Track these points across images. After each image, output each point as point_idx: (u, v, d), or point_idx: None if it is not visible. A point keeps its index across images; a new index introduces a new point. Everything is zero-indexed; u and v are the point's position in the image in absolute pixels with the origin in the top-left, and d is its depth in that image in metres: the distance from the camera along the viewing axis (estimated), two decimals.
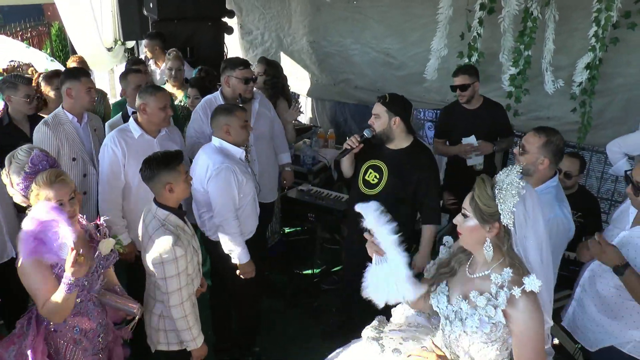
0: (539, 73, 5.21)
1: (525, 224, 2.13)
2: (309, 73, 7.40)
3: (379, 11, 6.42)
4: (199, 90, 5.05)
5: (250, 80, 4.35)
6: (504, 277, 2.16)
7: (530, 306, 2.12)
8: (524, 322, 2.14)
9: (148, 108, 3.79)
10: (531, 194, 2.15)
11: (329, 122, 7.44)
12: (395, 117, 3.63)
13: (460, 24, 5.56)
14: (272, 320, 4.76)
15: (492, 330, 2.20)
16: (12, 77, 4.34)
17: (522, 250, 2.17)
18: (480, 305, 2.20)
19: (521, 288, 2.11)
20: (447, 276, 2.43)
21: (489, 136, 4.76)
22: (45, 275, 2.56)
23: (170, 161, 2.96)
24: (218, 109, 3.75)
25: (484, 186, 2.19)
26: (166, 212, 2.99)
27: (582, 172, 4.16)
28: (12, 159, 2.70)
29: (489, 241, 2.19)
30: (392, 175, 3.70)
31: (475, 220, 2.20)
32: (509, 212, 2.11)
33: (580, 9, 5.04)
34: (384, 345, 2.63)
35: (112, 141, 3.78)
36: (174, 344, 3.11)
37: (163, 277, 2.91)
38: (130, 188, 3.84)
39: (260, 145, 4.45)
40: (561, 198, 3.23)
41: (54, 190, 2.57)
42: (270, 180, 4.65)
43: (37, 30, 15.57)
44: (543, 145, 3.13)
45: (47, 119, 3.98)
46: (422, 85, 6.25)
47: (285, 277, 5.36)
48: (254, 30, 7.64)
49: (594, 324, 3.16)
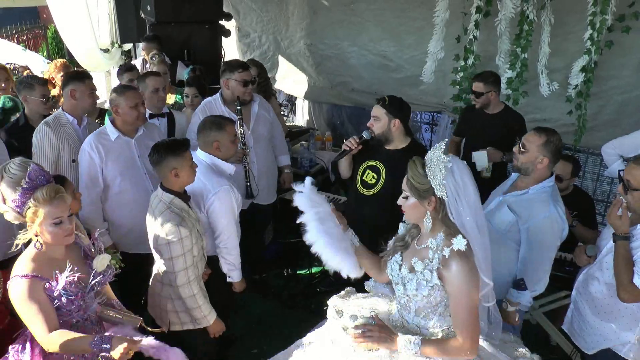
0: (535, 75, 5.25)
1: (456, 193, 2.30)
2: (306, 76, 7.42)
3: (376, 14, 6.45)
4: (197, 89, 5.08)
5: (249, 83, 4.37)
6: (437, 241, 2.39)
7: (462, 267, 2.30)
8: (457, 282, 2.32)
9: (120, 109, 3.78)
10: (458, 166, 2.33)
11: (326, 124, 7.47)
12: (394, 120, 3.65)
13: (456, 27, 5.60)
14: (270, 322, 4.75)
15: (430, 293, 2.39)
16: (28, 78, 4.41)
17: (456, 217, 2.33)
18: (418, 269, 2.41)
19: (450, 248, 2.32)
20: (400, 248, 2.62)
21: (501, 143, 4.65)
22: (41, 298, 2.44)
23: (177, 147, 3.09)
24: (208, 122, 3.61)
25: (415, 167, 2.39)
26: (171, 195, 3.11)
27: (576, 176, 4.16)
28: (4, 172, 2.49)
29: (429, 214, 2.39)
30: (390, 176, 3.71)
31: (413, 198, 2.41)
32: (439, 185, 2.29)
33: (575, 13, 5.09)
34: (342, 311, 2.78)
35: (89, 146, 3.75)
36: (187, 323, 3.22)
37: (170, 257, 3.04)
38: (110, 190, 3.83)
39: (259, 147, 4.47)
40: (556, 198, 3.28)
41: (54, 207, 2.45)
42: (269, 183, 4.67)
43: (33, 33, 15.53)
44: (543, 144, 3.20)
45: (48, 120, 3.98)
46: (418, 87, 6.28)
47: (281, 280, 5.37)
48: (251, 33, 7.67)
49: (589, 327, 3.18)
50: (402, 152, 3.71)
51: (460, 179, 2.31)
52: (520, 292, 3.20)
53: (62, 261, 2.56)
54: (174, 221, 3.00)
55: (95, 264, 2.63)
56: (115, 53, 8.46)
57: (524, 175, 3.33)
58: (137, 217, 3.32)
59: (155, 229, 3.07)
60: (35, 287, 2.43)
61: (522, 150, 3.27)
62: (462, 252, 2.31)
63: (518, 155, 3.30)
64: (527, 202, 3.27)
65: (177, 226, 2.99)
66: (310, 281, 5.22)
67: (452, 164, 2.31)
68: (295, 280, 5.37)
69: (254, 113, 4.47)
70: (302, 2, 6.97)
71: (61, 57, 13.40)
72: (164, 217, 3.03)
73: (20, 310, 2.45)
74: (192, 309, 3.16)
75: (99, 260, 2.64)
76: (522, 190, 3.33)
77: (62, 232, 2.50)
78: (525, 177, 3.32)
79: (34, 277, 2.44)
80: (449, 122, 6.51)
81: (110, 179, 3.79)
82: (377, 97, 3.85)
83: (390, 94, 3.98)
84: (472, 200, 2.34)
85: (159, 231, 3.03)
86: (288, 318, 4.81)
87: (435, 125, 6.81)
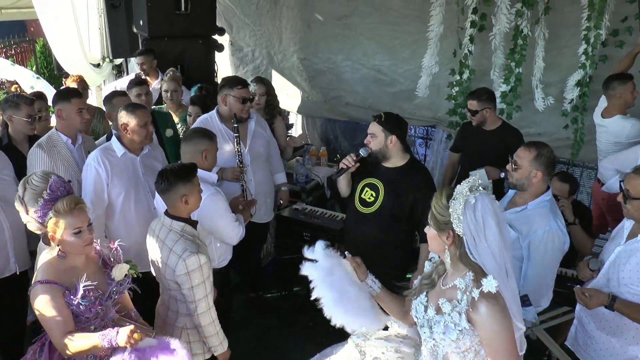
0: (529, 90, 5.28)
1: (475, 231, 2.17)
2: (300, 90, 7.42)
3: (369, 28, 6.47)
4: (201, 108, 5.04)
5: (247, 100, 4.31)
6: (466, 281, 2.23)
7: (493, 310, 2.15)
8: (490, 327, 2.16)
9: (129, 127, 3.77)
10: (484, 204, 2.19)
11: (320, 139, 7.45)
12: (391, 136, 3.60)
13: (450, 41, 5.62)
14: (268, 340, 4.71)
15: (458, 337, 2.22)
16: (14, 97, 4.27)
17: (477, 256, 2.20)
18: (446, 311, 2.26)
19: (479, 289, 2.16)
20: (427, 287, 2.48)
21: (499, 160, 4.52)
22: (60, 305, 2.52)
23: (187, 173, 3.00)
24: (197, 132, 3.65)
25: (440, 196, 2.28)
26: (182, 223, 3.01)
27: (573, 195, 4.18)
28: (27, 185, 2.61)
29: (447, 249, 2.27)
30: (389, 194, 3.68)
31: (433, 228, 2.31)
32: (457, 220, 2.18)
33: (569, 27, 5.15)
34: (365, 352, 2.67)
35: (95, 160, 3.74)
36: (198, 354, 3.13)
37: (190, 287, 2.91)
38: (113, 207, 3.81)
39: (256, 165, 4.42)
40: (555, 211, 3.29)
41: (74, 218, 2.55)
42: (267, 201, 4.61)
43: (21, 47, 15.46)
44: (534, 158, 3.22)
45: (41, 142, 3.92)
46: (412, 102, 6.29)
47: (279, 296, 5.33)
48: (244, 47, 7.66)
49: (594, 342, 3.17)
50: (400, 170, 3.69)
51: (482, 218, 2.17)
52: (524, 309, 3.16)
53: (82, 269, 2.66)
54: (190, 249, 2.89)
55: (114, 273, 2.70)
56: (106, 67, 8.41)
57: (520, 190, 3.33)
58: (139, 235, 3.28)
59: (171, 261, 2.94)
60: (55, 294, 2.52)
61: (515, 167, 3.29)
62: (491, 294, 2.15)
63: (512, 172, 3.32)
64: (526, 218, 3.28)
65: (195, 254, 2.87)
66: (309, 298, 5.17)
67: (476, 201, 2.18)
68: (293, 297, 5.33)
69: (250, 130, 4.43)
70: (295, 16, 6.96)
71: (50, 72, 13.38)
72: (180, 246, 2.91)
73: (40, 315, 2.53)
74: (209, 337, 3.06)
75: (118, 269, 2.70)
76: (520, 206, 3.34)
77: (82, 242, 2.61)
78: (523, 193, 3.33)
79: (54, 284, 2.53)
80: (443, 137, 6.50)
81: (114, 196, 3.78)
82: (372, 111, 3.86)
83: (384, 108, 3.98)
84: (493, 243, 2.19)
85: (176, 262, 2.90)
86: (287, 336, 4.77)
87: (430, 139, 6.81)
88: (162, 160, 4.10)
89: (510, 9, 5.08)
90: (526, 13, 5.03)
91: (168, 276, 2.99)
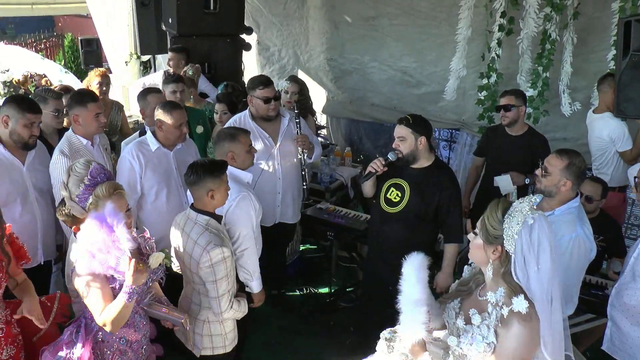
0: (555, 94, 5.25)
1: (528, 252, 2.11)
2: (325, 90, 7.46)
3: (397, 30, 6.49)
4: (226, 105, 5.09)
5: (271, 100, 4.30)
6: (497, 296, 2.20)
7: (521, 331, 2.12)
8: (511, 345, 2.15)
9: (164, 126, 3.86)
10: (541, 225, 2.13)
11: (344, 139, 7.48)
12: (421, 137, 3.61)
13: (477, 45, 5.61)
14: (287, 338, 4.74)
15: (485, 350, 2.20)
16: (43, 91, 4.37)
17: (522, 278, 2.14)
18: (475, 323, 2.25)
19: (509, 307, 2.14)
20: (463, 294, 2.47)
21: (523, 166, 4.56)
22: (102, 286, 2.62)
23: (216, 169, 3.06)
24: (221, 134, 3.66)
25: (495, 209, 2.23)
26: (207, 217, 3.07)
27: (605, 197, 4.13)
28: (71, 171, 2.71)
29: (491, 263, 2.24)
30: (414, 194, 3.69)
31: (480, 239, 2.26)
32: (511, 237, 2.14)
33: (597, 32, 5.11)
34: (393, 347, 2.67)
35: (130, 154, 3.85)
36: (219, 347, 3.19)
37: (213, 280, 2.98)
38: (146, 199, 3.91)
39: (286, 164, 4.42)
40: (583, 219, 3.26)
41: (113, 202, 2.60)
42: (293, 201, 4.60)
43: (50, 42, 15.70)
44: (565, 167, 3.18)
45: (63, 148, 3.86)
46: (438, 104, 6.30)
47: (300, 295, 5.36)
48: (271, 46, 7.71)
49: (630, 339, 3.16)
50: (426, 170, 3.71)
51: (537, 240, 2.11)
52: None
53: None
54: (215, 242, 2.95)
55: (150, 261, 2.72)
56: (135, 64, 8.53)
57: (547, 197, 3.31)
58: (169, 228, 3.32)
59: (195, 253, 2.99)
60: (98, 276, 2.60)
61: (545, 174, 3.25)
62: (523, 315, 2.11)
63: (541, 178, 3.28)
64: (553, 224, 3.24)
65: (219, 247, 2.93)
66: (330, 297, 5.21)
67: (534, 222, 2.12)
68: (314, 296, 5.37)
69: (282, 129, 4.43)
70: (322, 17, 7.00)
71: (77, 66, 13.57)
72: (205, 239, 2.97)
73: (83, 294, 2.63)
74: (229, 332, 3.17)
75: (154, 257, 2.72)
76: (547, 212, 3.29)
77: None
78: (550, 199, 3.30)
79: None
80: (467, 140, 6.49)
81: (147, 188, 3.88)
82: (397, 112, 3.86)
83: (409, 109, 3.96)
84: (544, 267, 2.12)
85: (201, 254, 2.96)
86: (307, 335, 4.79)
87: (454, 142, 6.80)
88: (195, 156, 4.17)
89: (538, 13, 5.06)
90: (555, 17, 5.00)
91: (192, 269, 3.05)
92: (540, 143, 4.67)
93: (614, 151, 4.77)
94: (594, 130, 4.87)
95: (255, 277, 3.56)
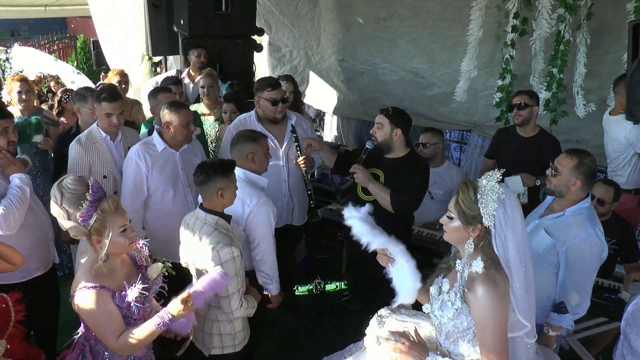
0: (569, 96, 5.21)
1: (505, 225, 2.28)
2: (336, 91, 7.44)
3: (408, 31, 6.47)
4: (235, 104, 5.10)
5: (278, 102, 4.27)
6: (462, 262, 2.40)
7: (488, 292, 2.26)
8: (482, 309, 2.28)
9: (171, 125, 3.86)
10: (510, 198, 2.31)
11: (354, 140, 7.47)
12: (397, 129, 3.76)
13: (488, 46, 5.59)
14: (296, 338, 4.73)
15: (455, 315, 2.37)
16: (83, 90, 4.61)
17: (501, 249, 2.30)
18: (444, 290, 2.45)
19: (469, 269, 2.32)
20: (444, 271, 2.60)
21: (534, 167, 4.50)
22: (110, 308, 2.50)
23: (225, 168, 3.06)
24: (242, 135, 3.63)
25: (467, 191, 2.35)
26: (216, 216, 3.07)
27: (617, 200, 4.09)
28: (63, 190, 2.52)
29: (471, 240, 2.37)
30: (389, 183, 3.81)
31: (459, 221, 2.38)
32: (490, 215, 2.28)
33: (611, 33, 5.07)
34: (384, 322, 2.76)
35: (136, 154, 3.85)
36: (228, 346, 3.19)
37: None
38: (152, 199, 3.92)
39: (292, 166, 4.38)
40: (593, 219, 3.24)
41: (119, 216, 2.53)
42: (300, 203, 4.57)
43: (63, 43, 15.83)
44: (575, 167, 3.17)
45: (81, 137, 4.05)
46: (449, 106, 6.27)
47: (310, 296, 5.36)
48: (282, 47, 7.72)
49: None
50: (400, 161, 3.85)
51: (511, 212, 2.29)
52: (561, 316, 3.15)
53: (120, 271, 2.64)
54: (224, 241, 2.95)
55: (149, 272, 2.71)
56: (146, 65, 8.58)
57: (558, 197, 3.30)
58: (176, 228, 3.33)
59: (204, 253, 2.99)
60: (104, 297, 2.48)
61: (555, 173, 3.25)
62: (489, 278, 2.27)
63: (551, 178, 3.28)
64: (564, 225, 3.23)
65: (229, 246, 2.93)
66: (340, 299, 5.19)
67: (505, 197, 2.29)
68: (324, 297, 5.35)
69: (288, 131, 4.39)
70: (334, 18, 7.00)
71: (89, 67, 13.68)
72: (214, 239, 2.97)
73: (90, 320, 2.52)
74: (238, 332, 3.17)
75: (152, 269, 2.71)
76: (558, 212, 3.30)
77: (127, 240, 2.58)
78: (561, 200, 3.29)
79: (103, 288, 2.49)
80: (478, 141, 6.46)
81: (153, 189, 3.88)
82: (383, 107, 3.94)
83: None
84: (519, 235, 2.31)
85: (210, 254, 2.95)
86: (315, 335, 4.78)
87: (465, 144, 6.77)
88: (201, 156, 4.17)
89: (551, 14, 5.02)
90: (568, 18, 4.97)
91: (201, 268, 3.06)
92: (552, 144, 4.64)
93: (631, 153, 4.72)
94: (611, 132, 4.83)
95: (275, 280, 3.58)
